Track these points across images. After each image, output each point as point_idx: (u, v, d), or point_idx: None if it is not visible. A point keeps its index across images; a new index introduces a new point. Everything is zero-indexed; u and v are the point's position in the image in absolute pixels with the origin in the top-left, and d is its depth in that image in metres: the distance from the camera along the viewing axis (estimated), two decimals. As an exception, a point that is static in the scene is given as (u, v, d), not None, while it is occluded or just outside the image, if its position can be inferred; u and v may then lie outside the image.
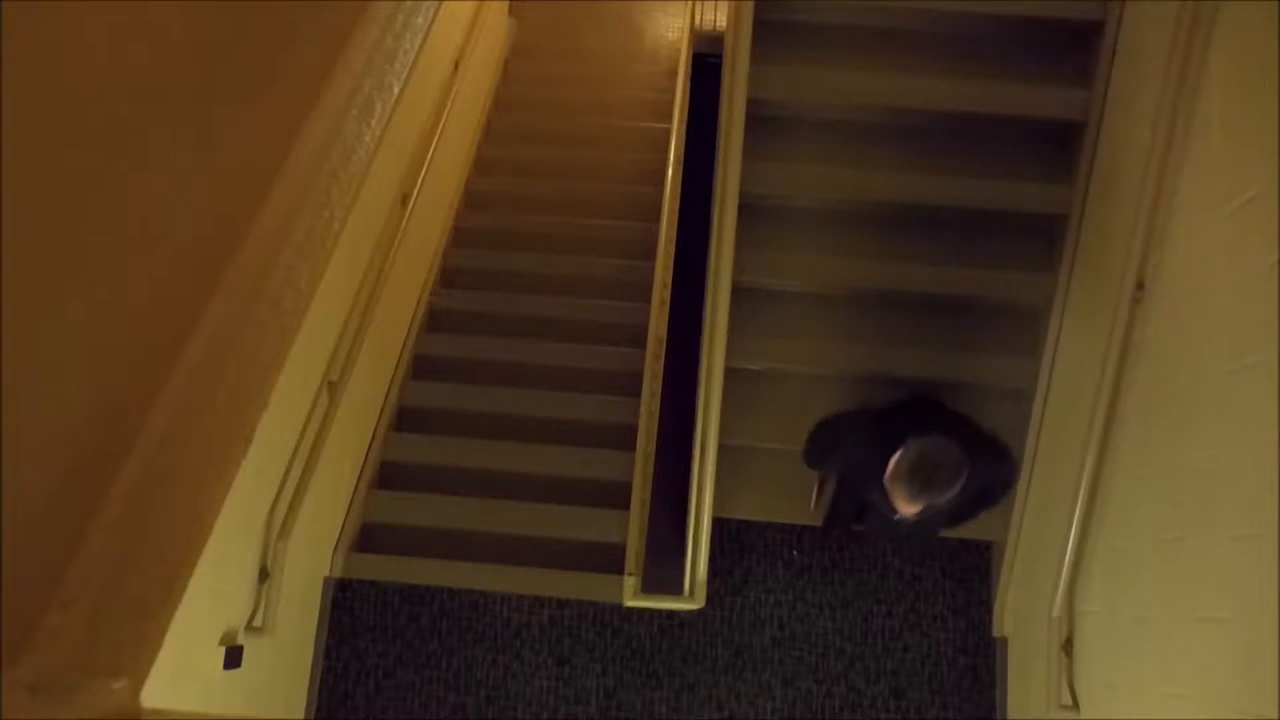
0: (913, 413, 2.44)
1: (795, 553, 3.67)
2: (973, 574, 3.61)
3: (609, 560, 3.61)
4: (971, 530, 3.58)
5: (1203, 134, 2.36)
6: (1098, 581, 2.71)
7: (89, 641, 0.79)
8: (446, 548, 3.73)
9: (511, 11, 5.88)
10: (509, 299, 4.63)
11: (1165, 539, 2.35)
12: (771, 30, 3.44)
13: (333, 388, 3.29)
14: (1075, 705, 2.72)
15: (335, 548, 3.64)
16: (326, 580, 3.59)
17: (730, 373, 3.31)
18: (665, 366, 4.14)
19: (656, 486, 3.94)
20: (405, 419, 4.21)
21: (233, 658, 2.77)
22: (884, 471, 2.24)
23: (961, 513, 2.50)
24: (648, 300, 4.35)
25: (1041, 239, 3.48)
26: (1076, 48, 3.38)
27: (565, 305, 4.61)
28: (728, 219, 3.18)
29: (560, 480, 3.95)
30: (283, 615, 3.07)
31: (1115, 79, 3.07)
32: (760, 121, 3.37)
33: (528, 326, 4.51)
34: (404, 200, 3.91)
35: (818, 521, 3.26)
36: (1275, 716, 1.78)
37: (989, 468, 2.43)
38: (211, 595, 2.67)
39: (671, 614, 3.58)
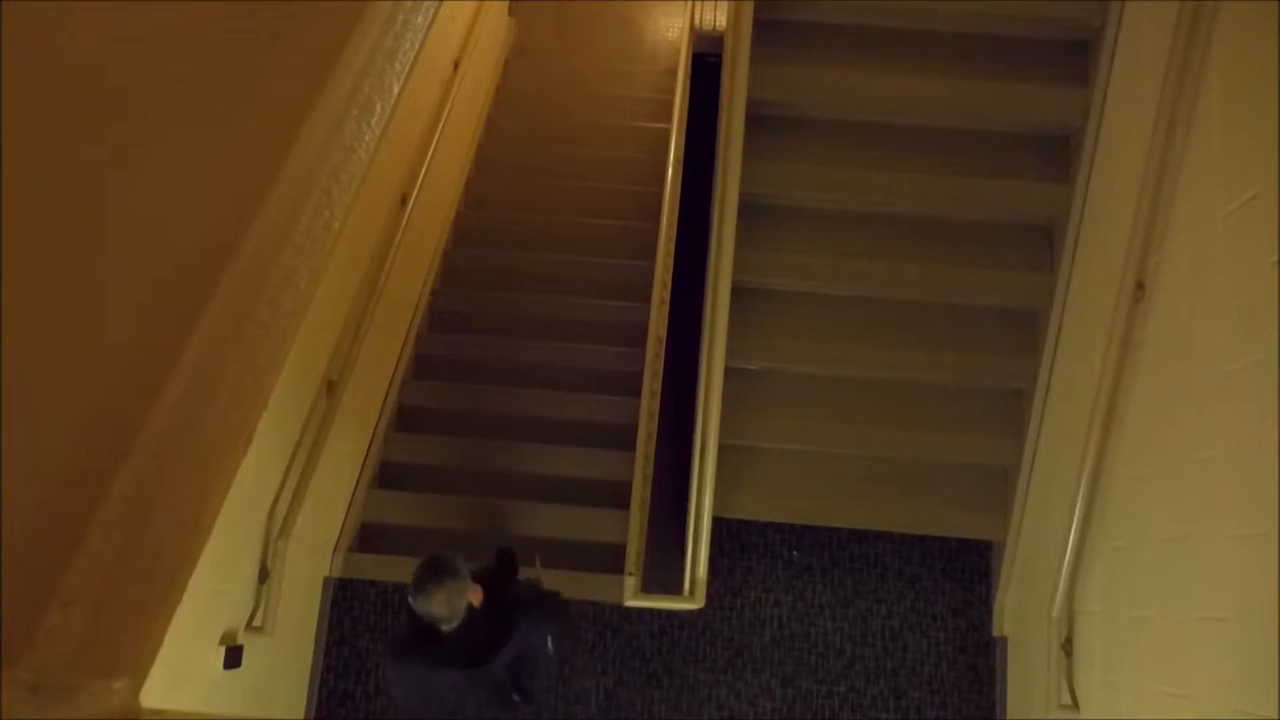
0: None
1: (795, 553, 3.67)
2: (973, 574, 3.61)
3: (609, 560, 3.61)
4: (971, 530, 3.60)
5: (1203, 134, 2.36)
6: (1098, 581, 2.71)
7: (89, 641, 0.78)
8: (446, 548, 3.72)
9: (511, 11, 5.88)
10: (509, 298, 4.63)
11: (1165, 539, 2.35)
12: (771, 30, 3.44)
13: (333, 388, 3.29)
14: (1075, 705, 2.72)
15: (335, 548, 3.64)
16: (326, 580, 3.59)
17: (730, 373, 3.31)
18: (665, 366, 4.14)
19: (656, 486, 3.94)
20: (405, 419, 4.21)
21: (233, 658, 2.77)
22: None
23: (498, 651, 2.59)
24: (648, 300, 4.35)
25: (1041, 239, 3.48)
26: (1077, 48, 3.38)
27: (565, 305, 4.62)
28: (728, 219, 3.18)
29: (560, 480, 3.95)
30: (283, 615, 3.07)
31: (1115, 79, 3.07)
32: (760, 121, 3.37)
33: (528, 326, 4.51)
34: (404, 200, 3.91)
35: None
36: (1275, 717, 1.78)
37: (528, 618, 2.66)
38: (211, 595, 2.67)
39: (671, 614, 3.58)
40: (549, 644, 2.92)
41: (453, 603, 2.36)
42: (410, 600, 2.37)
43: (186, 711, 1.97)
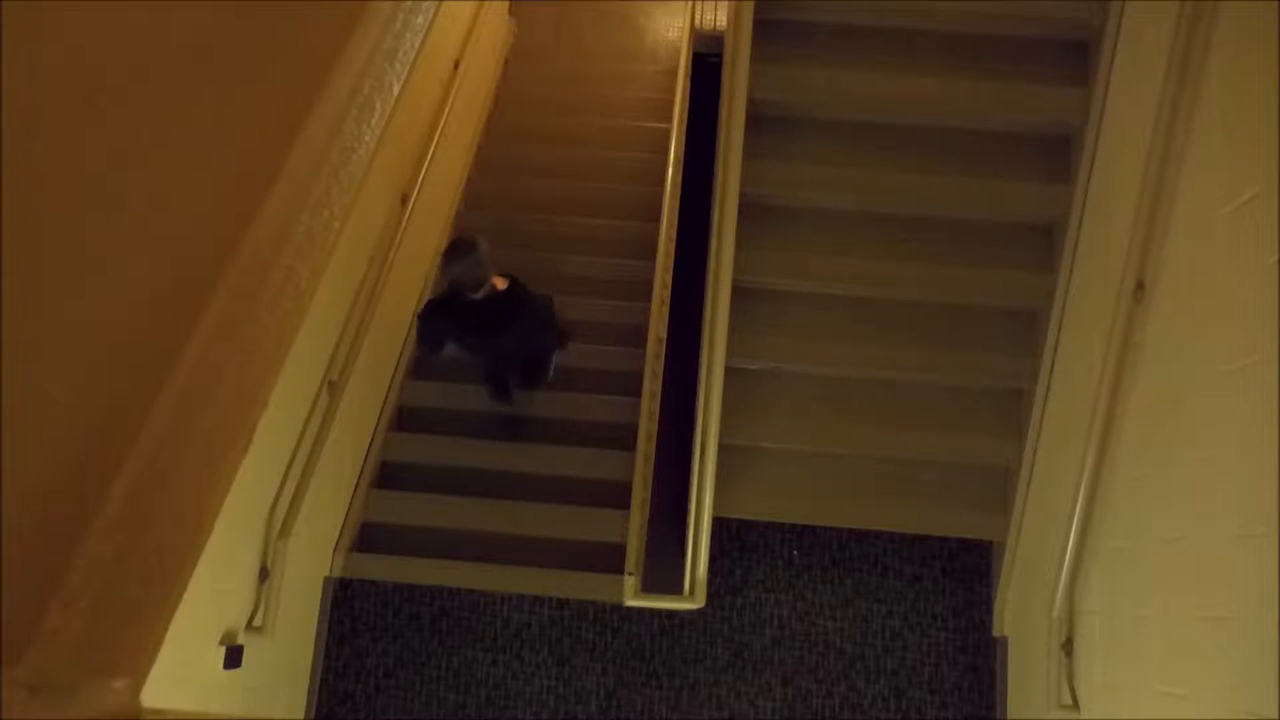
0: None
1: (795, 553, 3.67)
2: (973, 574, 3.61)
3: (609, 560, 3.61)
4: (971, 530, 3.60)
5: (1203, 134, 2.36)
6: (1098, 581, 2.71)
7: (89, 641, 0.78)
8: (446, 548, 3.73)
9: (511, 11, 5.88)
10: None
11: (1165, 539, 2.35)
12: (772, 30, 3.44)
13: (333, 388, 3.29)
14: (1075, 705, 2.72)
15: (335, 548, 3.64)
16: (326, 580, 3.59)
17: (730, 373, 3.31)
18: (665, 366, 4.14)
19: (656, 486, 3.94)
20: (405, 419, 4.21)
21: (233, 657, 2.77)
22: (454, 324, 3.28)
23: (514, 322, 3.32)
24: (648, 300, 4.35)
25: (1041, 239, 3.48)
26: (1077, 48, 3.38)
27: (565, 305, 4.61)
28: (728, 219, 3.17)
29: (560, 480, 3.95)
30: (283, 615, 3.08)
31: (1115, 78, 3.07)
32: (760, 121, 3.37)
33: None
34: (404, 200, 3.91)
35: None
36: (1275, 717, 1.78)
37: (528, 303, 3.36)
38: (211, 595, 2.67)
39: (671, 614, 3.59)
40: (553, 360, 3.91)
41: (472, 270, 3.02)
42: (441, 271, 3.20)
43: (186, 711, 1.97)
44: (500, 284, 3.19)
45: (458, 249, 3.03)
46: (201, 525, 0.96)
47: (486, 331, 3.31)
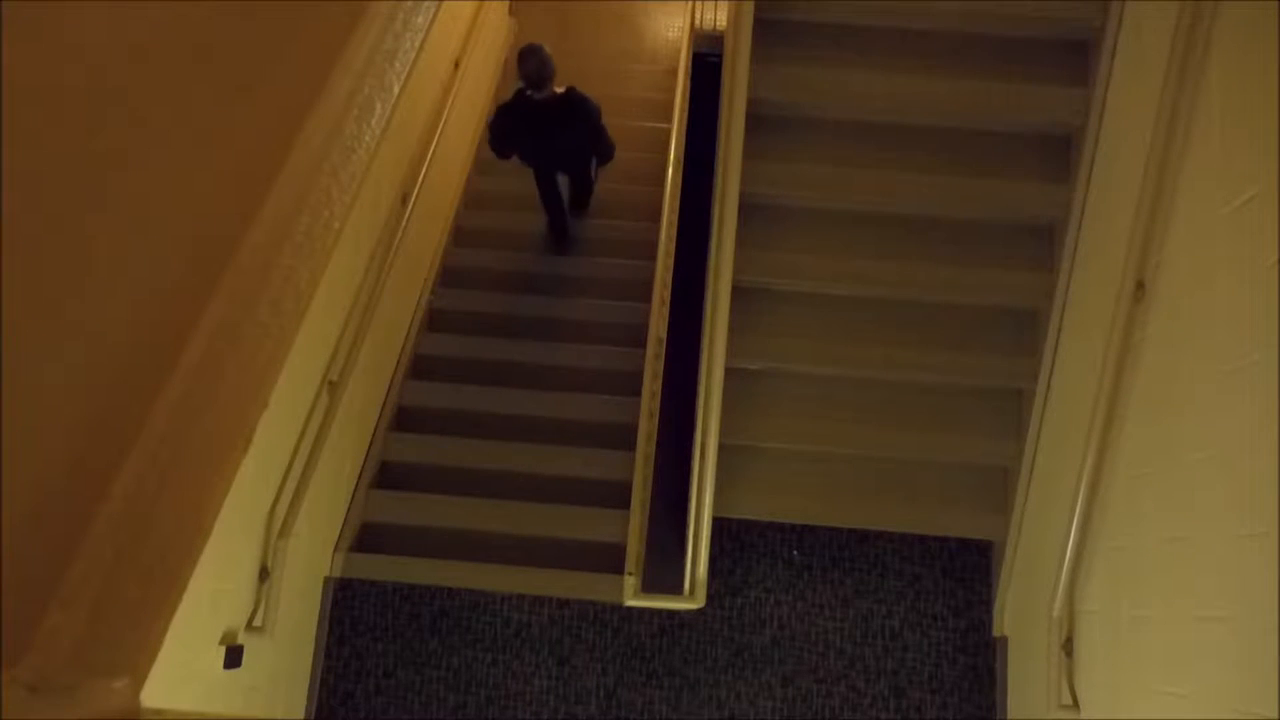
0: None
1: (795, 553, 3.67)
2: (973, 574, 3.61)
3: (609, 560, 3.61)
4: (972, 530, 3.60)
5: (1203, 134, 2.36)
6: (1098, 581, 2.71)
7: (89, 641, 0.79)
8: (446, 548, 3.73)
9: (511, 11, 5.88)
10: (509, 299, 4.63)
11: (1165, 538, 2.35)
12: (772, 30, 3.44)
13: (333, 388, 3.29)
14: (1075, 705, 2.72)
15: (335, 548, 3.64)
16: (326, 580, 3.59)
17: (730, 373, 3.31)
18: (665, 366, 4.14)
19: (656, 486, 3.94)
20: (405, 419, 4.21)
21: (233, 657, 2.77)
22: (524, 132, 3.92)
23: (573, 127, 3.95)
24: (648, 300, 4.35)
25: (1042, 239, 3.49)
26: (1077, 48, 3.38)
27: (565, 305, 4.62)
28: (728, 219, 3.17)
29: (560, 480, 3.95)
30: (283, 615, 3.08)
31: (1115, 79, 3.07)
32: (760, 121, 3.37)
33: (527, 326, 4.51)
34: (404, 200, 3.91)
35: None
36: (1275, 716, 1.78)
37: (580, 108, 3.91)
38: (211, 595, 2.67)
39: (671, 614, 3.59)
40: (594, 167, 4.54)
41: (540, 69, 3.61)
42: (518, 69, 3.68)
43: (186, 711, 1.97)
44: (559, 88, 3.75)
45: (530, 49, 3.60)
46: (201, 525, 0.96)
47: (547, 131, 3.86)
